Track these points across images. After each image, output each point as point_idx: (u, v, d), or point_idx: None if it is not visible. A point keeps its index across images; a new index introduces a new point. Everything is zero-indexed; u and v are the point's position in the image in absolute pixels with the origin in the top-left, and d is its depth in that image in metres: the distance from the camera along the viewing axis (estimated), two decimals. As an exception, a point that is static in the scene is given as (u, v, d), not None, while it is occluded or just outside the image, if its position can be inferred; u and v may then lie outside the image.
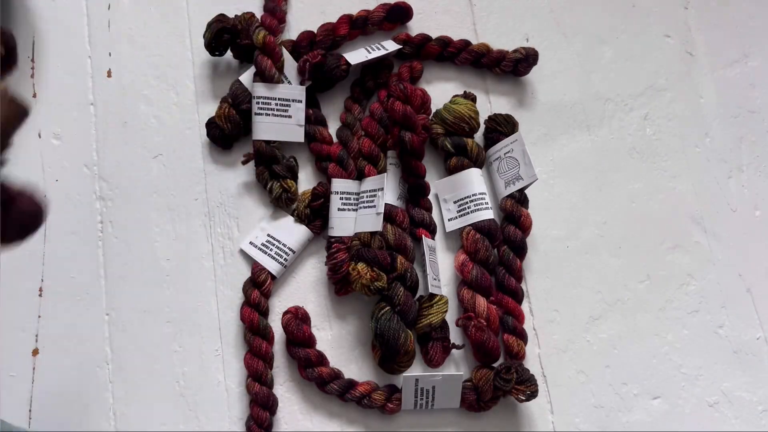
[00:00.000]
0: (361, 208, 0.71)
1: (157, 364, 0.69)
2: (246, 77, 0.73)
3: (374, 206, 0.69)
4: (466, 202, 0.73)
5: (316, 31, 0.77)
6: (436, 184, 0.75)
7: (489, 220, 0.71)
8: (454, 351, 0.70)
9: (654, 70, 0.84)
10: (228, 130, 0.73)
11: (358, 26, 0.78)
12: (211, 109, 0.75)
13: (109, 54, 0.77)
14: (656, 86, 0.83)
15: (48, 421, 0.67)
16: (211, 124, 0.74)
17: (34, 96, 0.75)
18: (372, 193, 0.70)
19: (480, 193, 0.73)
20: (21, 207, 0.42)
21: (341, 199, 0.71)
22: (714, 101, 0.84)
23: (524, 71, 0.79)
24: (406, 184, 0.73)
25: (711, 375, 0.74)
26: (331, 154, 0.73)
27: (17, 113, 0.45)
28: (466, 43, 0.79)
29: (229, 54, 0.76)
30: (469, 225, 0.72)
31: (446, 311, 0.69)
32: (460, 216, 0.73)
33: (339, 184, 0.71)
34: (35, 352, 0.69)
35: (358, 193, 0.72)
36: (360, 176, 0.73)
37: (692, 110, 0.83)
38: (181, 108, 0.76)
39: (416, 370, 0.69)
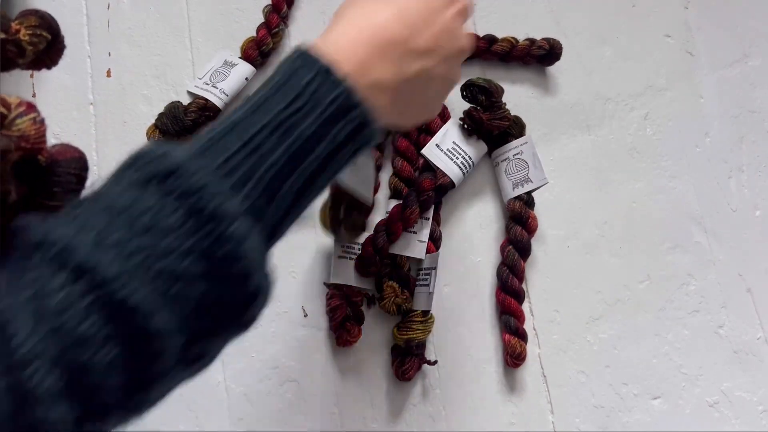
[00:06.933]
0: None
1: (157, 364, 0.69)
2: None
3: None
4: None
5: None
6: None
7: None
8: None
9: (654, 69, 0.84)
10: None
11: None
12: (211, 109, 0.75)
13: (109, 54, 0.77)
14: (656, 86, 0.83)
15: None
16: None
17: (34, 96, 0.75)
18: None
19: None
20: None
21: (342, 246, 0.70)
22: (714, 101, 0.84)
23: (549, 63, 0.80)
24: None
25: (711, 375, 0.74)
26: None
27: None
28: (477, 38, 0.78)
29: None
30: None
31: (431, 331, 0.69)
32: None
33: None
34: (35, 352, 0.69)
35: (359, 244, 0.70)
36: (397, 195, 0.72)
37: (692, 110, 0.83)
38: (180, 108, 0.76)
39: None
